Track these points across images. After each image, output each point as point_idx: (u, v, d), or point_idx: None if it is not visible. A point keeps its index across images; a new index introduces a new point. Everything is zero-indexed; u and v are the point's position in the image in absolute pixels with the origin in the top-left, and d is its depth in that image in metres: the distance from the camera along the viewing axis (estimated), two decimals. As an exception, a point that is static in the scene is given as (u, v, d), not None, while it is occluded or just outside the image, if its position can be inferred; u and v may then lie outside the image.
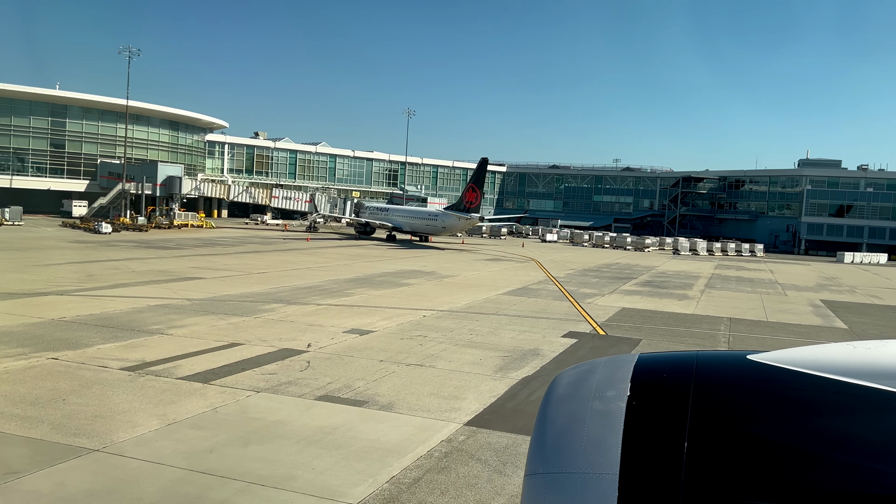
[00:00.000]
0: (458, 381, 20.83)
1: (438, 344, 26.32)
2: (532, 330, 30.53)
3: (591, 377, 3.43)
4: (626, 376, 3.26)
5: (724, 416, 3.02)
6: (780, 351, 3.32)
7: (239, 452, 14.14)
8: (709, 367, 3.34)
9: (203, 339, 24.61)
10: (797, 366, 3.15)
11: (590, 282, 53.73)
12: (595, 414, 3.14)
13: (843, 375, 3.03)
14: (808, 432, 2.88)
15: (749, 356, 3.33)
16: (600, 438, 3.00)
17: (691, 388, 3.08)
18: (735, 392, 3.17)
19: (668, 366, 3.50)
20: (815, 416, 2.98)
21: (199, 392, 18.19)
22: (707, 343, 29.88)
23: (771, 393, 3.10)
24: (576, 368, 3.69)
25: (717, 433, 2.92)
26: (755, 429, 2.93)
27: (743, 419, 3.00)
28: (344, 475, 13.23)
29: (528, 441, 15.51)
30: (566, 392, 3.49)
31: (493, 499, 12.59)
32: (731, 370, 3.37)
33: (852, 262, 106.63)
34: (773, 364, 3.22)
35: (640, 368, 3.33)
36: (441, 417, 17.25)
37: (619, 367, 3.39)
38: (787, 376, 3.11)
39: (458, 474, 13.63)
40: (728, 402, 3.11)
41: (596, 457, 2.95)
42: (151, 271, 44.36)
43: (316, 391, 18.85)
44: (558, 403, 3.44)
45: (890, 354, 3.27)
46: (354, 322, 29.72)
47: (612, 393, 3.20)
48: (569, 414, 3.29)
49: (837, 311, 43.49)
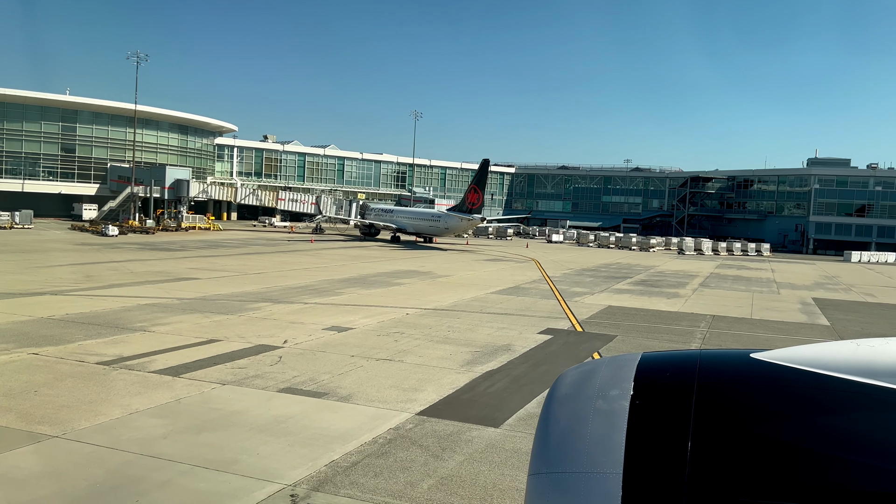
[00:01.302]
0: (422, 375, 21.51)
1: (414, 340, 27.01)
2: (510, 327, 31.14)
3: (594, 376, 3.41)
4: (629, 375, 3.26)
5: (727, 415, 3.03)
6: (782, 349, 3.32)
7: (191, 439, 14.91)
8: (712, 366, 3.35)
9: (183, 336, 25.46)
10: (800, 364, 3.16)
11: (584, 281, 54.22)
12: (598, 413, 3.14)
13: (847, 374, 3.03)
14: (812, 431, 2.89)
15: (752, 354, 3.34)
16: (604, 438, 3.01)
17: (694, 386, 3.09)
18: (738, 390, 3.18)
19: (672, 365, 3.49)
20: (818, 414, 2.99)
21: (166, 384, 19.00)
22: (681, 339, 30.35)
23: (774, 391, 3.11)
24: (578, 368, 3.66)
25: (721, 432, 2.93)
26: (758, 427, 2.93)
27: (746, 417, 3.01)
28: (286, 459, 13.96)
29: (473, 428, 16.31)
30: (569, 392, 3.43)
31: (423, 480, 13.27)
32: (735, 369, 3.38)
33: (859, 262, 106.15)
34: (775, 362, 3.22)
35: (643, 367, 3.32)
36: (395, 408, 17.94)
37: (622, 367, 3.38)
38: (790, 374, 3.12)
39: (395, 458, 14.33)
40: (731, 400, 3.12)
41: (599, 456, 2.96)
42: (149, 272, 45.38)
43: (280, 384, 19.61)
44: (561, 403, 3.38)
45: (894, 352, 3.25)
46: (336, 320, 30.47)
47: (616, 392, 3.19)
48: (572, 413, 3.27)
49: (825, 309, 43.74)
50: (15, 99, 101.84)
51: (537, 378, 21.96)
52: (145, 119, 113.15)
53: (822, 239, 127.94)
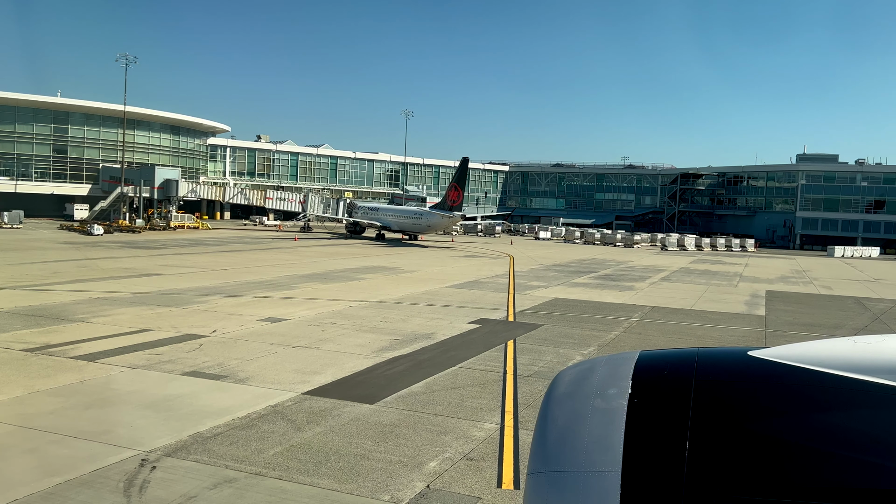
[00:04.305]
0: (329, 360, 22.83)
1: (341, 330, 28.33)
2: (445, 318, 32.43)
3: (592, 375, 3.43)
4: (627, 374, 3.27)
5: (725, 412, 3.04)
6: (780, 347, 3.36)
7: (77, 414, 16.31)
8: (709, 364, 3.37)
9: (118, 326, 26.88)
10: (797, 361, 3.16)
11: (547, 276, 55.43)
12: (596, 412, 3.15)
13: (844, 370, 3.04)
14: (810, 428, 2.91)
15: (750, 352, 3.35)
16: (602, 436, 3.02)
17: (692, 384, 3.10)
18: (736, 388, 3.19)
19: (669, 363, 3.50)
20: (815, 411, 3.00)
21: (78, 368, 20.40)
22: (606, 328, 31.49)
23: (772, 388, 3.12)
24: (576, 367, 3.68)
25: (719, 429, 2.94)
26: (756, 424, 2.95)
27: (744, 415, 3.02)
28: (155, 431, 15.33)
29: (348, 405, 17.67)
30: (567, 390, 3.44)
31: (272, 447, 14.61)
32: (732, 366, 3.40)
33: (842, 256, 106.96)
34: (773, 360, 3.23)
35: (641, 366, 3.34)
36: (286, 388, 19.27)
37: (620, 365, 3.39)
38: (787, 372, 3.13)
39: (258, 430, 15.68)
40: (729, 398, 3.13)
41: (598, 455, 2.97)
42: (117, 269, 46.88)
43: (187, 368, 20.98)
44: (559, 402, 3.39)
45: (891, 349, 3.28)
46: (276, 312, 31.84)
47: (614, 390, 3.20)
48: (570, 412, 3.28)
49: (770, 301, 44.85)
50: (7, 101, 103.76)
51: (441, 362, 23.26)
52: (137, 120, 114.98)
53: (809, 234, 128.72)
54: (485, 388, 20.32)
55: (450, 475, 13.72)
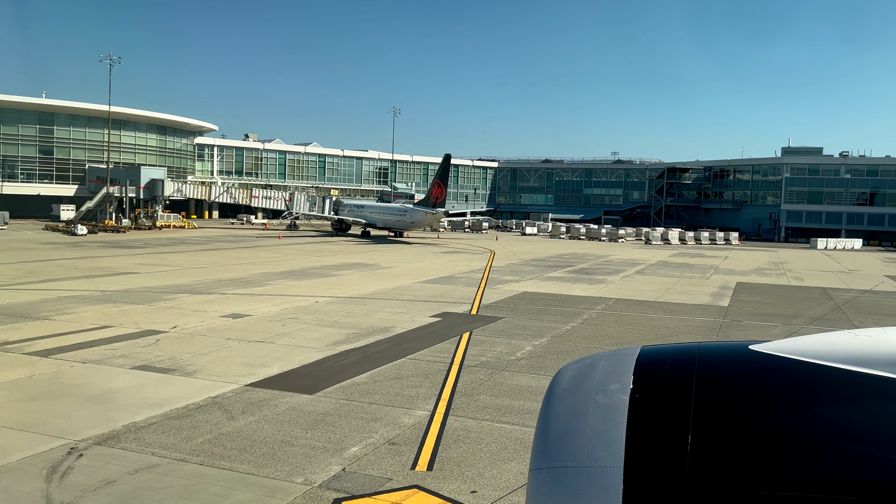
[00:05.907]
0: (280, 354, 23.37)
1: (301, 325, 28.86)
2: (408, 312, 32.98)
3: (594, 371, 3.42)
4: (628, 369, 3.27)
5: (727, 407, 3.04)
6: (781, 340, 3.35)
7: (18, 406, 16.83)
8: (711, 359, 3.37)
9: (80, 324, 27.37)
10: (798, 355, 3.17)
11: (523, 270, 56.01)
12: (598, 408, 3.15)
13: (845, 364, 3.04)
14: (812, 421, 2.91)
15: (751, 346, 3.35)
16: (604, 432, 3.02)
17: (694, 379, 3.10)
18: (737, 382, 3.19)
19: (671, 358, 3.49)
20: (817, 404, 3.00)
21: (30, 363, 20.92)
22: (566, 319, 32.04)
23: (773, 382, 3.11)
24: (577, 363, 3.66)
25: (721, 424, 2.94)
26: (758, 418, 2.95)
27: (746, 409, 3.02)
28: (91, 422, 15.85)
29: (287, 395, 18.20)
30: (568, 386, 3.44)
31: (202, 436, 15.15)
32: (734, 361, 3.39)
33: (825, 248, 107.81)
34: (774, 354, 3.23)
35: (642, 361, 3.33)
36: (230, 381, 19.80)
37: (622, 361, 3.39)
38: (788, 365, 3.13)
39: (192, 420, 16.22)
40: (731, 392, 3.14)
41: (600, 450, 2.97)
42: (92, 268, 47.32)
43: (137, 363, 21.50)
44: (561, 398, 3.39)
45: (892, 342, 3.29)
46: (241, 308, 32.34)
47: (615, 386, 3.20)
48: (572, 408, 3.28)
49: (738, 293, 45.48)
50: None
51: (391, 354, 23.83)
52: (123, 120, 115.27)
53: (793, 227, 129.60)
54: (427, 378, 20.89)
55: (368, 459, 14.28)
